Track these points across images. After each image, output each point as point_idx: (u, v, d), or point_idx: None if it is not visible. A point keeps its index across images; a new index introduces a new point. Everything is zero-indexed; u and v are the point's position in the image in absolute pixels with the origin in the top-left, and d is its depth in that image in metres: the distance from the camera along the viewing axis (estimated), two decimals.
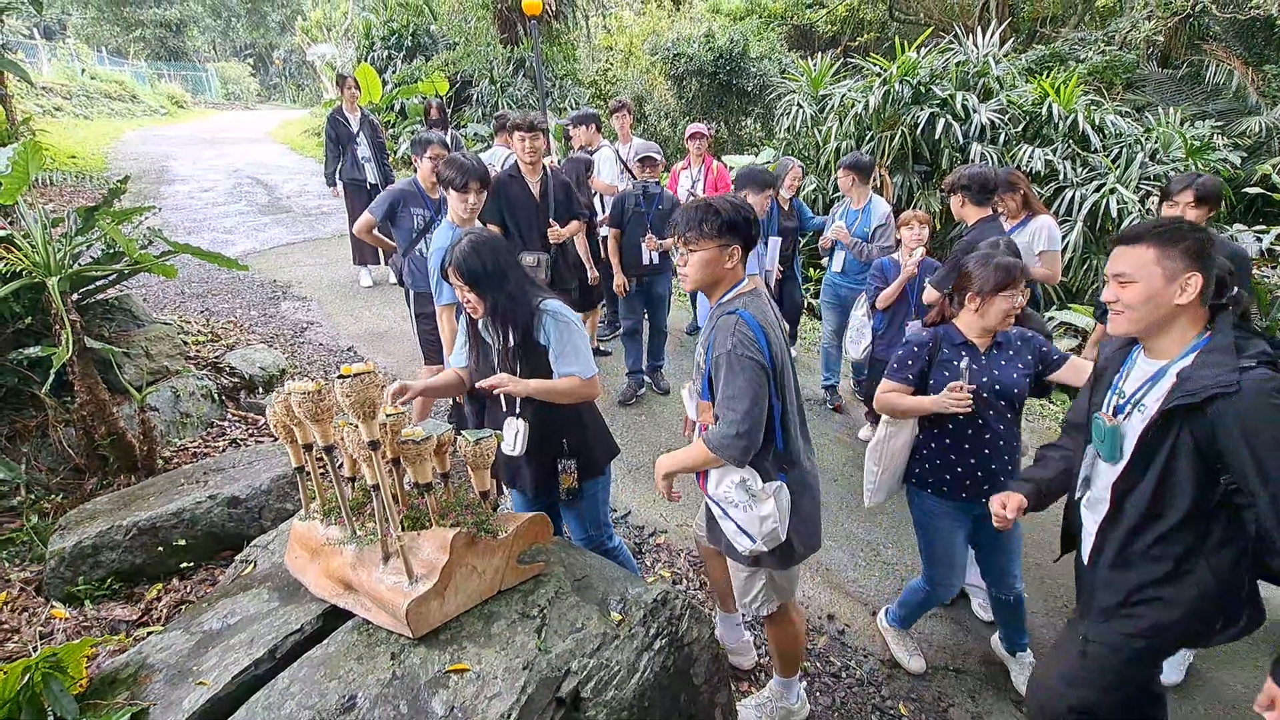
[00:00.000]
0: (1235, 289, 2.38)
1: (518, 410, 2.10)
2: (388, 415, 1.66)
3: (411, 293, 3.69)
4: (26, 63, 11.50)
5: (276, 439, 3.69)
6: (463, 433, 1.76)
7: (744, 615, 2.39)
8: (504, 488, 2.44)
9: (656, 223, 4.16)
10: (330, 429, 1.70)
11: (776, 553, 1.95)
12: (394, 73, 11.93)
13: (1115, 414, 1.63)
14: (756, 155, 8.69)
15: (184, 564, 2.66)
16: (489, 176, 2.90)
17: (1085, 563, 1.72)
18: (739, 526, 1.88)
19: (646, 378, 4.65)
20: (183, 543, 2.66)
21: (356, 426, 1.59)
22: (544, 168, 3.73)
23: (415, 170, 3.69)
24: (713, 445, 1.79)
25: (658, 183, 4.37)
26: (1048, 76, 6.68)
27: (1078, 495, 1.75)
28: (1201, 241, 1.46)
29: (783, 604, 2.11)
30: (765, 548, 1.89)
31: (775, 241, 4.23)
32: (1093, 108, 6.33)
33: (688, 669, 1.83)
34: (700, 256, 1.85)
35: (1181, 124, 6.34)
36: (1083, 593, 1.73)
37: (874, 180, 4.53)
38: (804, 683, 2.46)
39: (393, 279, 6.22)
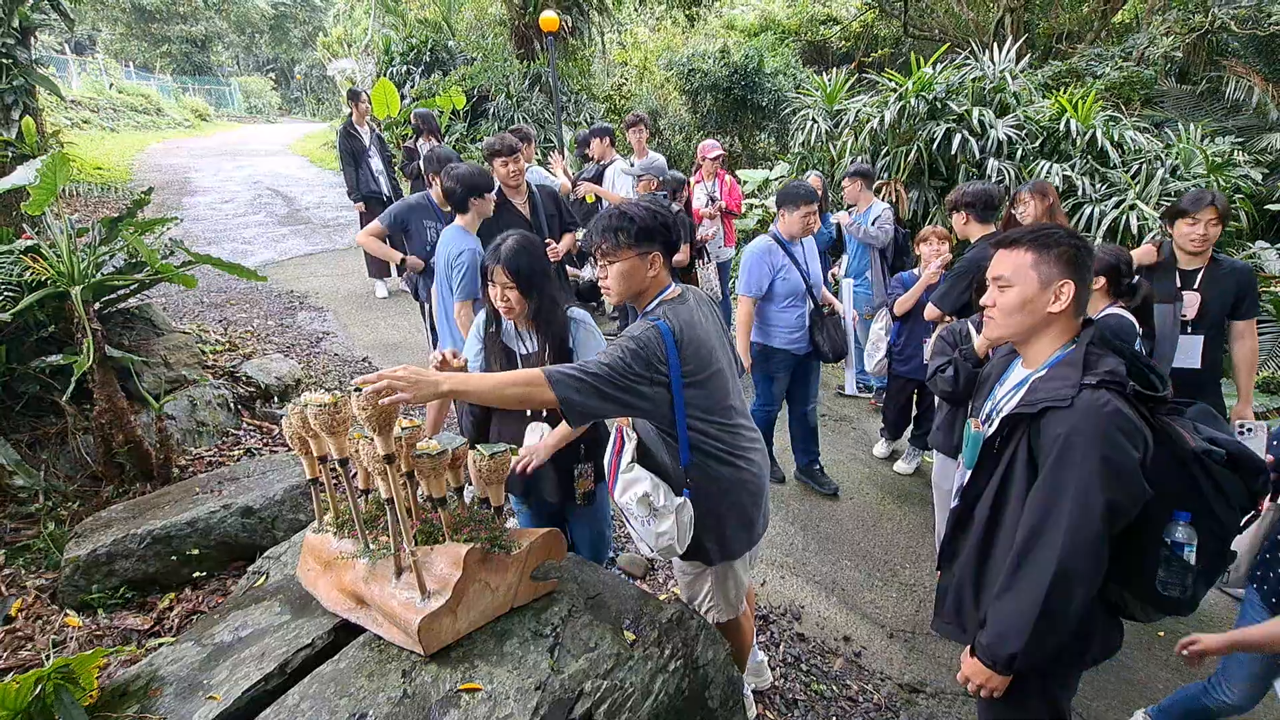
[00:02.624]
0: (1135, 278, 2.44)
1: (544, 414, 2.08)
2: (403, 429, 1.65)
3: (427, 305, 3.71)
4: (57, 77, 11.81)
5: (291, 449, 3.71)
6: (477, 447, 1.75)
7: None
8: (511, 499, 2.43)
9: None
10: (345, 441, 1.69)
11: (711, 546, 1.90)
12: (412, 87, 12.13)
13: (984, 421, 1.62)
14: (771, 170, 8.70)
15: (197, 573, 2.66)
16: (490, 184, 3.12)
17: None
18: (638, 535, 1.89)
19: None
20: (196, 552, 2.66)
21: (371, 439, 1.58)
22: (528, 185, 3.78)
23: (429, 185, 3.73)
24: (552, 377, 1.57)
25: (667, 195, 4.41)
26: (1064, 92, 6.64)
27: (953, 504, 1.73)
28: (1077, 249, 1.44)
29: (734, 616, 2.09)
30: (660, 559, 1.91)
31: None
32: (1111, 123, 6.28)
33: (703, 692, 1.79)
34: (619, 268, 1.77)
35: (1201, 140, 6.26)
36: (943, 602, 1.69)
37: (890, 194, 4.55)
38: (764, 655, 2.58)
39: (404, 286, 6.29)
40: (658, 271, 1.81)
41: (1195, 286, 2.86)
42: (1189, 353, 2.88)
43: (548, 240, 3.76)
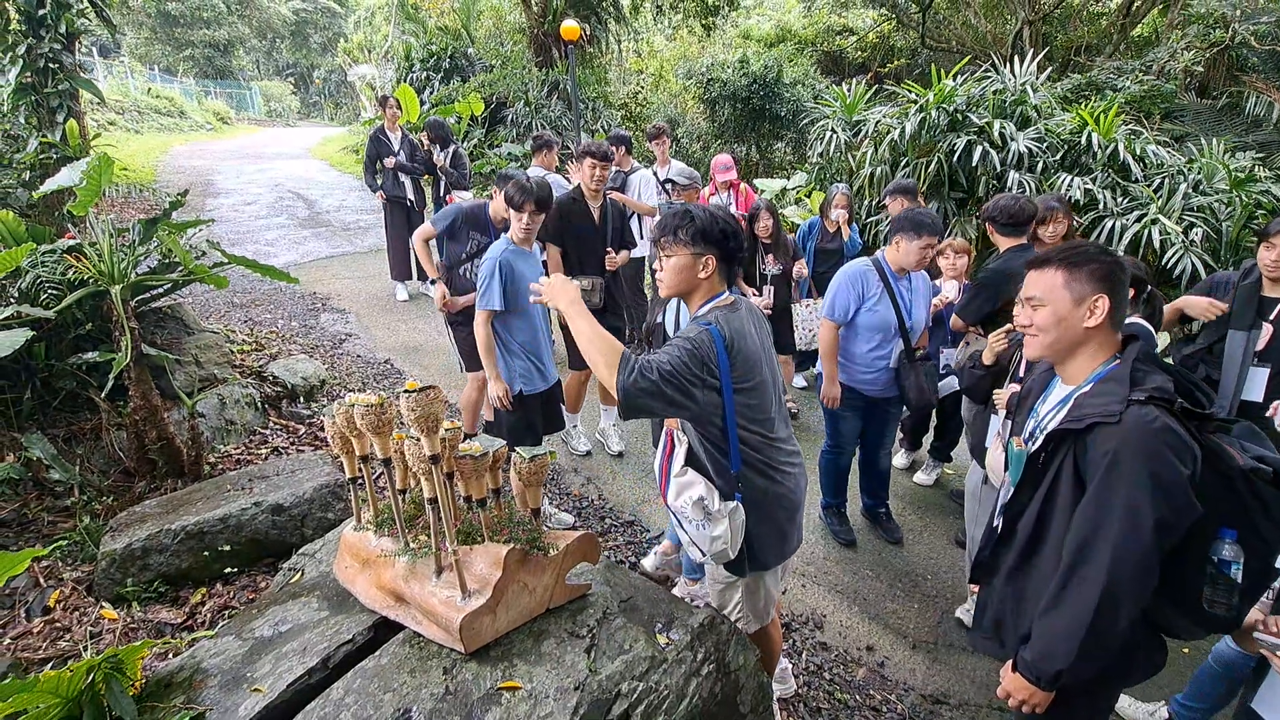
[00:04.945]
0: (1149, 288, 2.43)
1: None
2: (446, 430, 1.68)
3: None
4: (96, 80, 12.05)
5: (318, 448, 3.76)
6: (517, 450, 1.78)
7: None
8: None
9: None
10: (389, 442, 1.73)
11: (745, 556, 1.92)
12: (432, 94, 12.27)
13: (1028, 439, 1.63)
14: (788, 179, 8.73)
15: (228, 569, 2.71)
16: (548, 201, 2.97)
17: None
18: (691, 539, 1.90)
19: None
20: (227, 548, 2.70)
21: (417, 440, 1.61)
22: (604, 195, 3.81)
23: (491, 197, 3.72)
24: (626, 365, 1.64)
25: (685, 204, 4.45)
26: (1085, 105, 6.63)
27: (995, 524, 1.72)
28: (1109, 265, 1.45)
29: (761, 626, 2.11)
30: (713, 563, 1.93)
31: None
32: (1133, 137, 6.26)
33: (734, 696, 1.81)
34: (674, 262, 1.84)
35: (1223, 155, 6.23)
36: (982, 616, 1.68)
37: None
38: (788, 663, 2.58)
39: (424, 289, 6.35)
40: (709, 274, 1.84)
41: (1271, 318, 2.72)
42: (1253, 385, 2.75)
43: (608, 249, 3.81)
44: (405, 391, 1.53)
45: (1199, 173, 5.91)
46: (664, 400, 1.66)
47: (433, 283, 3.91)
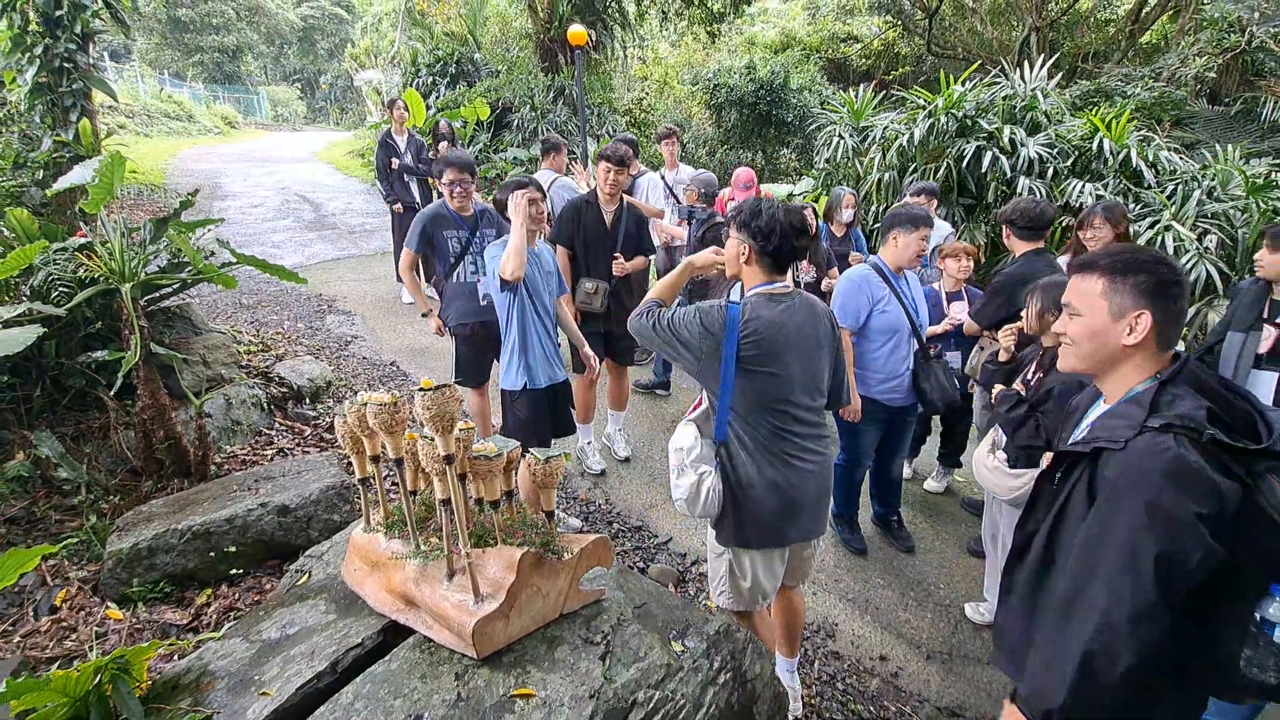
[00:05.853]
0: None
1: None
2: (461, 430, 1.65)
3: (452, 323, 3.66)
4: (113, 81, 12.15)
5: (323, 449, 3.74)
6: (531, 451, 1.75)
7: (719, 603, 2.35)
8: None
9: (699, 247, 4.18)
10: (401, 442, 1.70)
11: (728, 526, 2.02)
12: (438, 98, 12.30)
13: None
14: (795, 185, 8.72)
15: (233, 570, 2.68)
16: (540, 194, 2.96)
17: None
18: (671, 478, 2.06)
19: None
20: (233, 549, 2.68)
21: (431, 440, 1.58)
22: (621, 200, 3.78)
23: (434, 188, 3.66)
24: (643, 307, 2.03)
25: (704, 207, 4.42)
26: (1094, 112, 6.60)
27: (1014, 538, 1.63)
28: (1160, 276, 1.27)
29: (745, 610, 2.13)
30: (677, 506, 2.06)
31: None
32: (1145, 143, 6.23)
33: (751, 706, 1.77)
34: (727, 244, 2.04)
35: (1239, 161, 6.18)
36: (1000, 638, 1.57)
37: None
38: (798, 682, 2.51)
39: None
40: (749, 260, 1.97)
41: (1277, 321, 2.67)
42: (1259, 390, 2.69)
43: (616, 255, 3.76)
44: (420, 390, 1.51)
45: (1213, 179, 5.86)
46: (654, 343, 2.01)
47: (424, 315, 3.68)
